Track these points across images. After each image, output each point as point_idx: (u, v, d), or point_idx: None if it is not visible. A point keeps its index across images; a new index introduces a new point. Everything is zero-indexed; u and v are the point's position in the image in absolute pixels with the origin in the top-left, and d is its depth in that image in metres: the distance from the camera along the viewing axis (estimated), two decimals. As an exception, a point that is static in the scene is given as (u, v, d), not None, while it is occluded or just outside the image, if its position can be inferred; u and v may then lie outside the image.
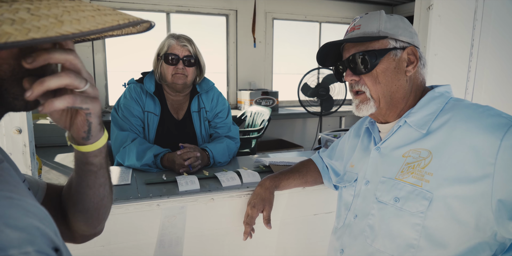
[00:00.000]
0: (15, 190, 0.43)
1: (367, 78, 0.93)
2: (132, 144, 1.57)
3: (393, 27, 0.92)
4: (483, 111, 0.83)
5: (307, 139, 4.99)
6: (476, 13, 1.49)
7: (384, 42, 0.91)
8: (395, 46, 0.91)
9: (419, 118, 0.91)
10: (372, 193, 0.95)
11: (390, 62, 0.91)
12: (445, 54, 1.47)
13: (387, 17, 0.93)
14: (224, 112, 1.85)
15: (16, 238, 0.34)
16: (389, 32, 0.91)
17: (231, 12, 4.46)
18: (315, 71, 3.99)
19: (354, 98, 0.98)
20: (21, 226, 0.36)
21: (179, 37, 1.68)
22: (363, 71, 0.92)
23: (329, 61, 1.04)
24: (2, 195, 0.38)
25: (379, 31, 0.91)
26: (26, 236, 0.35)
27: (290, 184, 1.29)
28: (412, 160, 0.87)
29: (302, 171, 1.32)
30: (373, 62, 0.91)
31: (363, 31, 0.93)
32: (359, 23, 0.95)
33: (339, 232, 1.06)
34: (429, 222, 0.81)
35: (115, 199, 1.18)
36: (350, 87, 0.99)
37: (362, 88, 0.94)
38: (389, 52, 0.91)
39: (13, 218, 0.36)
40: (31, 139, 1.17)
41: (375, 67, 0.91)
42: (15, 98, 0.46)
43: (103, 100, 4.03)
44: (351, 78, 0.95)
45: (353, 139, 1.18)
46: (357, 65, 0.93)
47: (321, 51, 0.99)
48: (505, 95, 1.66)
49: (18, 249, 0.34)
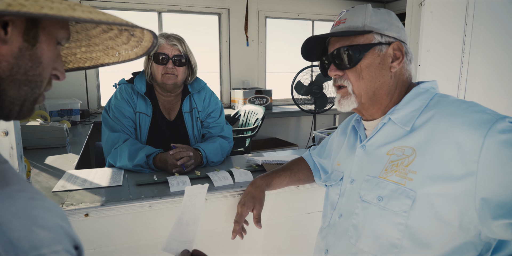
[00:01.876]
0: (33, 190, 0.43)
1: (351, 73, 0.91)
2: (124, 144, 1.55)
3: (379, 22, 0.90)
4: (467, 107, 0.81)
5: (301, 137, 4.99)
6: (468, 8, 1.48)
7: (369, 36, 0.89)
8: (380, 41, 0.89)
9: (404, 115, 0.89)
10: (357, 192, 0.93)
11: (374, 58, 0.89)
12: (438, 50, 1.47)
13: (373, 11, 0.91)
14: (217, 112, 1.83)
15: (46, 238, 0.36)
16: (374, 26, 0.89)
17: (223, 10, 4.43)
18: (308, 69, 3.98)
19: (336, 92, 0.97)
20: (48, 226, 0.37)
21: (169, 37, 1.66)
22: (347, 66, 0.90)
23: (315, 55, 1.02)
24: (26, 196, 0.38)
25: (364, 25, 0.89)
26: (54, 235, 0.37)
27: (282, 182, 1.27)
28: (396, 158, 0.86)
29: (293, 169, 1.30)
30: (357, 57, 0.88)
31: (348, 25, 0.91)
32: (345, 17, 0.93)
33: (324, 231, 1.04)
34: (412, 221, 0.79)
35: (106, 200, 1.16)
36: (333, 81, 0.97)
37: (344, 83, 0.92)
38: (373, 47, 0.89)
39: (41, 218, 0.37)
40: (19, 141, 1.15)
41: (359, 62, 0.89)
42: (11, 102, 0.46)
43: (95, 101, 4.00)
44: (335, 72, 0.93)
45: (340, 137, 1.16)
46: (341, 60, 0.91)
47: (305, 45, 0.97)
48: (497, 91, 1.66)
49: (49, 248, 0.36)
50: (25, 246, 0.34)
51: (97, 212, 1.12)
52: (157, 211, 1.19)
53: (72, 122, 3.07)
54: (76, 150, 2.13)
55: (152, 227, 1.20)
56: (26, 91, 0.47)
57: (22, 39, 0.44)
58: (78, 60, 0.65)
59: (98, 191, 1.25)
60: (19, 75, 0.45)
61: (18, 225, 0.35)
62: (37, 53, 0.46)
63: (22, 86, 0.46)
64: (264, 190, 1.23)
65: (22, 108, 0.48)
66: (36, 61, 0.46)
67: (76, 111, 3.18)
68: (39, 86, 0.48)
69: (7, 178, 0.38)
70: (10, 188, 0.37)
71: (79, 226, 1.12)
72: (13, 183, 0.38)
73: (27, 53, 0.45)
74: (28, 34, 0.44)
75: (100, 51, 0.63)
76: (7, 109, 0.46)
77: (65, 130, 2.21)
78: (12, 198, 0.37)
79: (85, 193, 1.23)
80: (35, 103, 0.50)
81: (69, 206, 1.12)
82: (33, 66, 0.46)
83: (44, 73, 0.48)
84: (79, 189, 1.27)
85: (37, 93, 0.49)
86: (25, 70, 0.45)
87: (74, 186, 1.30)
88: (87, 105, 3.92)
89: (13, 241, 0.34)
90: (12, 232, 0.34)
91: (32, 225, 0.36)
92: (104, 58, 0.64)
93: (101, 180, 1.37)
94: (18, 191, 0.38)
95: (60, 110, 3.10)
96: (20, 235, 0.34)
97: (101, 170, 1.52)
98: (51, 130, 2.16)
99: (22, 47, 0.44)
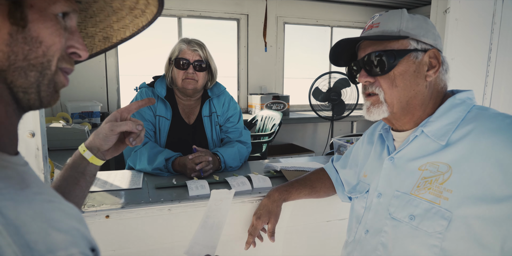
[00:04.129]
0: (51, 193, 0.43)
1: (383, 81, 0.85)
2: (143, 148, 1.57)
3: (415, 27, 0.84)
4: (511, 122, 0.76)
5: (318, 143, 4.95)
6: (495, 16, 1.45)
7: (404, 42, 0.84)
8: (416, 47, 0.84)
9: (438, 128, 0.83)
10: (385, 208, 0.88)
11: (409, 65, 0.84)
12: (463, 58, 1.44)
13: (409, 16, 0.85)
14: (236, 117, 1.84)
15: (62, 241, 0.36)
16: (410, 32, 0.84)
17: (242, 16, 4.47)
18: (326, 75, 3.96)
19: (365, 100, 0.90)
20: (65, 229, 0.37)
21: (190, 42, 1.68)
22: (379, 73, 0.85)
23: (343, 60, 0.96)
24: (45, 199, 0.39)
25: (400, 30, 0.84)
26: (70, 238, 0.37)
27: (300, 197, 1.23)
28: (430, 174, 0.80)
29: (315, 186, 1.25)
30: (391, 63, 0.83)
31: (382, 30, 0.85)
32: (378, 21, 0.87)
33: (350, 247, 1.00)
34: (448, 244, 0.75)
35: (126, 203, 1.17)
36: (363, 89, 0.91)
37: (376, 91, 0.86)
38: (409, 54, 0.83)
39: (57, 221, 0.37)
40: (44, 143, 1.18)
41: (393, 69, 0.83)
42: (25, 92, 0.43)
43: (115, 104, 4.07)
44: (366, 79, 0.87)
45: (366, 145, 1.10)
46: (373, 65, 0.85)
47: (335, 48, 0.91)
48: (523, 101, 1.61)
49: (65, 251, 0.36)
50: (42, 249, 0.34)
51: (118, 214, 1.14)
52: (176, 214, 1.20)
53: (93, 124, 3.14)
54: (96, 152, 2.16)
55: (171, 230, 1.21)
56: (35, 76, 0.44)
57: (8, 22, 0.40)
58: (97, 45, 0.64)
59: (118, 193, 1.27)
60: (20, 62, 0.42)
61: (36, 228, 0.35)
62: (32, 34, 0.42)
63: (28, 72, 0.43)
64: (280, 205, 1.20)
65: (41, 94, 0.45)
66: (34, 42, 0.43)
67: (96, 114, 3.25)
68: (48, 67, 0.45)
69: (27, 180, 0.38)
70: (29, 190, 0.37)
71: (100, 228, 1.13)
72: (32, 186, 0.38)
73: (19, 36, 0.41)
74: (14, 16, 0.41)
75: (113, 24, 0.60)
76: (25, 100, 0.44)
77: (86, 132, 2.26)
78: (31, 200, 0.37)
79: (106, 195, 1.25)
80: (53, 86, 0.47)
81: (90, 207, 1.14)
82: (32, 48, 0.43)
83: (48, 52, 0.44)
84: (99, 191, 1.29)
85: (49, 74, 0.45)
86: (24, 55, 0.42)
87: (95, 187, 1.32)
88: (107, 108, 3.99)
89: (30, 243, 0.34)
90: (30, 235, 0.34)
91: (48, 227, 0.36)
92: (118, 33, 0.61)
93: (121, 182, 1.39)
94: (37, 194, 0.38)
95: (81, 112, 3.17)
96: (37, 238, 0.34)
97: (121, 173, 1.54)
98: (73, 131, 2.20)
99: (11, 31, 0.41)
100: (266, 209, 1.19)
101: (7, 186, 0.36)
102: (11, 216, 0.33)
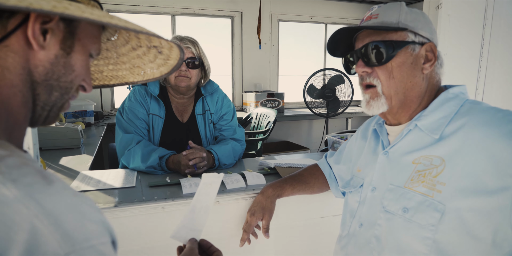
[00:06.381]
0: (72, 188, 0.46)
1: (381, 71, 0.85)
2: (137, 146, 1.56)
3: (414, 20, 0.85)
4: (503, 116, 0.76)
5: (313, 140, 4.96)
6: (486, 12, 1.46)
7: (402, 34, 0.84)
8: (414, 40, 0.84)
9: (431, 121, 0.84)
10: (379, 201, 0.89)
11: (407, 56, 0.84)
12: (455, 53, 1.44)
13: (408, 9, 0.86)
14: (229, 115, 1.83)
15: (95, 230, 0.39)
16: (409, 24, 0.84)
17: (236, 14, 4.45)
18: (321, 72, 3.96)
19: (363, 92, 0.90)
20: (95, 220, 0.40)
21: (183, 39, 1.67)
22: (377, 63, 0.85)
23: (340, 51, 0.96)
24: (72, 193, 0.41)
25: (399, 22, 0.84)
26: (100, 228, 0.40)
27: (294, 193, 1.24)
28: (423, 167, 0.81)
29: (309, 182, 1.25)
30: (390, 53, 0.83)
31: (381, 21, 0.85)
32: (377, 12, 0.87)
33: (344, 241, 1.01)
34: (440, 236, 0.75)
35: (119, 201, 1.17)
36: (360, 79, 0.91)
37: (374, 82, 0.86)
38: (407, 46, 0.83)
39: (88, 212, 0.40)
40: (35, 142, 1.17)
41: (391, 60, 0.83)
42: (42, 108, 0.49)
43: (109, 103, 4.05)
44: (363, 69, 0.87)
45: (360, 141, 1.11)
46: (371, 55, 0.85)
47: (333, 37, 0.90)
48: (516, 96, 1.62)
49: (98, 240, 0.39)
50: (79, 237, 0.37)
51: (111, 213, 1.13)
52: (169, 212, 1.20)
53: (86, 123, 3.11)
54: (90, 151, 2.15)
55: (165, 228, 1.20)
56: (56, 97, 0.50)
57: (59, 46, 0.47)
58: (104, 78, 0.68)
59: (112, 192, 1.26)
60: (52, 81, 0.48)
61: (72, 218, 0.38)
62: (71, 62, 0.50)
63: (53, 91, 0.49)
64: (274, 201, 1.20)
65: (50, 114, 0.51)
66: (70, 68, 0.50)
67: (90, 113, 3.22)
68: (68, 92, 0.51)
69: (48, 176, 0.40)
70: (56, 185, 0.39)
71: (93, 227, 1.12)
72: (56, 181, 0.40)
73: (62, 60, 0.48)
74: (65, 42, 0.48)
75: (126, 69, 0.66)
76: (37, 114, 0.49)
77: (79, 131, 2.24)
78: (61, 194, 0.39)
79: (99, 194, 1.24)
80: (61, 109, 0.52)
81: (83, 206, 1.13)
82: (66, 73, 0.49)
83: (75, 80, 0.51)
84: (93, 190, 1.28)
85: (65, 99, 0.52)
86: (58, 76, 0.48)
87: (88, 186, 1.31)
88: (101, 107, 3.97)
89: (69, 232, 0.36)
90: (68, 224, 0.37)
91: (82, 218, 0.39)
92: (129, 77, 0.67)
93: (114, 181, 1.38)
94: (64, 188, 0.40)
95: (74, 111, 3.14)
96: (75, 227, 0.37)
97: (114, 171, 1.53)
98: (66, 131, 2.19)
99: (58, 54, 0.47)
100: (260, 205, 1.19)
101: (37, 181, 0.38)
102: (49, 207, 0.36)
